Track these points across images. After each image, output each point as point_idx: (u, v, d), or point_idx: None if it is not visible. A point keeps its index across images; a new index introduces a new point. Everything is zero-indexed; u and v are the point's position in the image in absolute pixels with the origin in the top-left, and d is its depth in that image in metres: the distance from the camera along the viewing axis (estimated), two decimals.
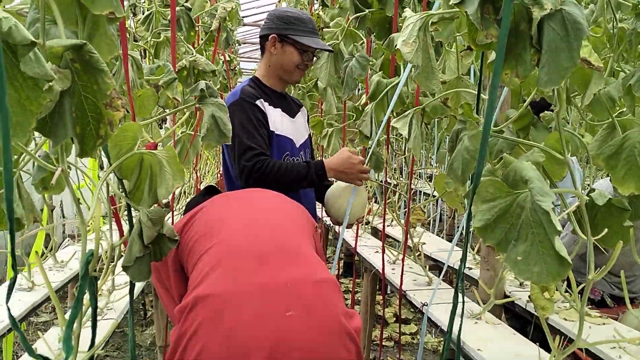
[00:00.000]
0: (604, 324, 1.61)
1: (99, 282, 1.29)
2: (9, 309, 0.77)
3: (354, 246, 2.98)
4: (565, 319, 1.65)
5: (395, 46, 1.42)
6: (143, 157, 1.18)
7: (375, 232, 4.00)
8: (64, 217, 5.77)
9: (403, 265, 2.15)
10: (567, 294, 1.83)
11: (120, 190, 1.21)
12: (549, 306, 1.61)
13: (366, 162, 3.00)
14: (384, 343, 3.93)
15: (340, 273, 5.56)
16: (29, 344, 0.80)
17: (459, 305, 1.52)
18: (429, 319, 1.81)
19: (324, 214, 2.60)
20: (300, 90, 4.77)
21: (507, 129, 1.57)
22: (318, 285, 1.11)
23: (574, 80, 1.52)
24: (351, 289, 3.76)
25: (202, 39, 3.49)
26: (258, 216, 1.27)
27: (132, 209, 1.23)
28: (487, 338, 1.53)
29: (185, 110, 1.81)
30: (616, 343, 1.41)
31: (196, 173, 4.95)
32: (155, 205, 1.22)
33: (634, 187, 1.35)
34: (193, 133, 2.59)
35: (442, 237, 4.44)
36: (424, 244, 3.14)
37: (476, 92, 1.59)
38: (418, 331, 4.02)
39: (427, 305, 1.79)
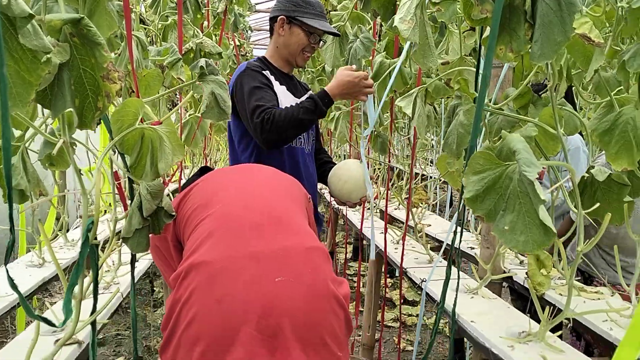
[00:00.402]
0: (598, 299, 1.63)
1: (104, 254, 1.34)
2: (7, 271, 0.81)
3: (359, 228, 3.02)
4: (561, 294, 1.67)
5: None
6: (144, 132, 1.21)
7: (383, 215, 4.03)
8: (78, 200, 5.87)
9: (404, 243, 2.18)
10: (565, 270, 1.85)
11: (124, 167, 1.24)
12: (546, 282, 1.64)
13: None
14: (392, 324, 3.98)
15: (350, 257, 5.61)
16: (27, 305, 0.84)
17: (455, 280, 1.55)
18: (432, 298, 1.84)
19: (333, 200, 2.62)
20: (309, 75, 4.79)
21: (507, 107, 1.58)
22: (308, 252, 1.14)
23: (576, 57, 1.53)
24: (358, 272, 3.80)
25: (211, 23, 3.52)
26: (252, 188, 1.30)
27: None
28: (482, 311, 1.55)
29: (189, 90, 1.83)
30: (608, 317, 1.43)
31: (205, 159, 4.99)
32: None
33: (627, 162, 1.36)
34: (200, 116, 2.63)
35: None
36: (429, 225, 3.17)
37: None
38: (425, 313, 4.05)
39: (425, 281, 1.82)
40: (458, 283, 1.45)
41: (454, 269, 1.53)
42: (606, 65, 1.77)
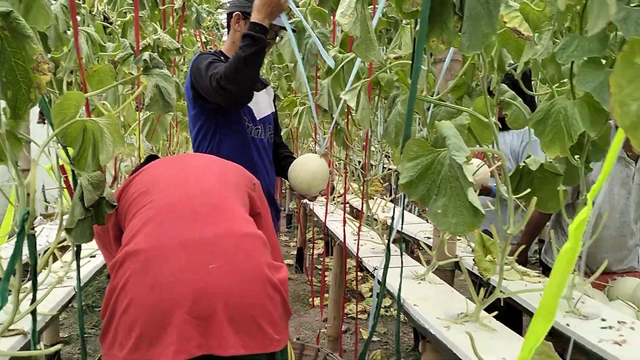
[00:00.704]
0: (540, 282, 1.69)
1: (51, 246, 1.35)
2: None
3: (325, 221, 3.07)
4: (505, 279, 1.73)
5: None
6: (86, 125, 1.23)
7: (350, 210, 4.08)
8: (46, 200, 5.81)
9: (359, 233, 2.23)
10: (511, 256, 1.91)
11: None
12: (491, 268, 1.69)
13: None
14: (359, 316, 4.03)
15: (322, 252, 5.65)
16: None
17: (406, 267, 1.60)
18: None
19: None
20: (276, 71, 4.81)
21: (449, 99, 1.63)
22: (242, 239, 1.18)
23: (509, 50, 1.59)
24: (323, 266, 3.85)
25: (174, 20, 3.52)
26: (189, 176, 1.32)
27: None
28: (426, 296, 1.61)
29: (139, 83, 1.84)
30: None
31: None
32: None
33: (560, 150, 1.41)
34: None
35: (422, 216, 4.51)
36: (393, 218, 3.23)
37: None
38: (392, 304, 4.12)
39: (377, 269, 1.87)
40: (402, 268, 1.50)
41: (399, 255, 1.58)
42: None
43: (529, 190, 1.42)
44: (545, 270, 2.42)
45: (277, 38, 2.38)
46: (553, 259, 2.32)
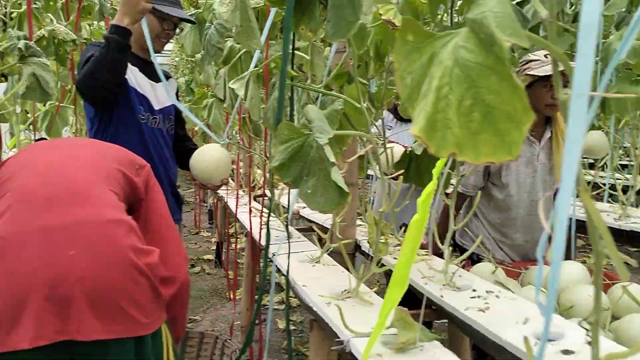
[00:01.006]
0: (428, 261, 1.79)
1: None
2: None
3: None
4: (395, 258, 1.82)
5: None
6: None
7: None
8: None
9: (260, 220, 2.28)
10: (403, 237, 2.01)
11: None
12: (384, 248, 1.79)
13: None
14: (275, 307, 4.07)
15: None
16: None
17: (299, 250, 1.66)
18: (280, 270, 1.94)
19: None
20: (189, 64, 4.78)
21: (335, 88, 1.70)
22: (105, 225, 1.18)
23: (389, 41, 1.67)
24: (235, 259, 3.87)
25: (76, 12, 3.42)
26: (56, 161, 1.30)
27: None
28: (317, 277, 1.67)
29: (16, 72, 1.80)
30: (423, 274, 1.58)
31: None
32: None
33: None
34: (58, 104, 2.57)
35: None
36: (305, 207, 3.29)
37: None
38: None
39: (275, 254, 1.92)
40: (289, 253, 1.56)
41: (300, 241, 1.64)
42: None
43: (402, 171, 1.50)
44: (462, 252, 2.48)
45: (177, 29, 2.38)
46: (467, 241, 2.40)
